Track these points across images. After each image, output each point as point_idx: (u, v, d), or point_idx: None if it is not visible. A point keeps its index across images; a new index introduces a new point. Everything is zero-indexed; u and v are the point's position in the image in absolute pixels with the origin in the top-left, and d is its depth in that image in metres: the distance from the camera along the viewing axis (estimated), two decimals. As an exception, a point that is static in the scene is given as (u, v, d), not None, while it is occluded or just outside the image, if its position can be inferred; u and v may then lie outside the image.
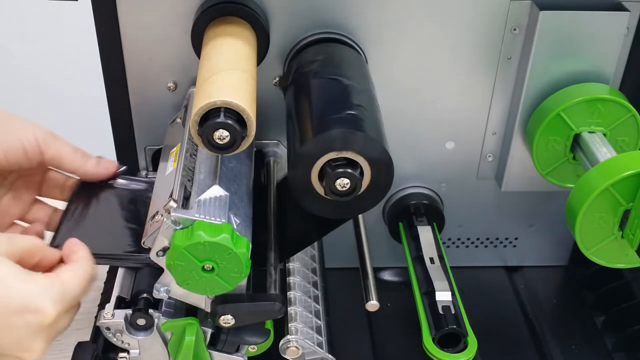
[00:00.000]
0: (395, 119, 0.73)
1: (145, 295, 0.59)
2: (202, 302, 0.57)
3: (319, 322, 0.64)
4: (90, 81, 0.97)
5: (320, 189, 0.54)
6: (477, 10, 0.68)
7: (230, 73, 0.56)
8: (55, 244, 0.58)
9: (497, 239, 0.85)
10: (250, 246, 0.53)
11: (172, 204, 0.53)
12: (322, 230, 0.63)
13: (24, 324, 0.46)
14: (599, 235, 0.61)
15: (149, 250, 0.54)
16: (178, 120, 0.68)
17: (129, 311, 0.59)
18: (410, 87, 0.72)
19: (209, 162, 0.59)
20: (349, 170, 0.52)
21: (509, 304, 0.82)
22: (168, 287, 0.56)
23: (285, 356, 0.61)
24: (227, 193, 0.56)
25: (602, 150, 0.65)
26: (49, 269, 0.52)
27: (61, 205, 0.64)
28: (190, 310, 0.60)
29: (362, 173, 0.53)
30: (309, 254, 0.71)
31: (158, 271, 0.56)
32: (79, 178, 0.64)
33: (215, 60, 0.58)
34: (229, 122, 0.51)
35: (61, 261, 0.53)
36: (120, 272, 0.62)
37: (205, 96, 0.52)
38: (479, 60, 0.71)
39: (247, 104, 0.52)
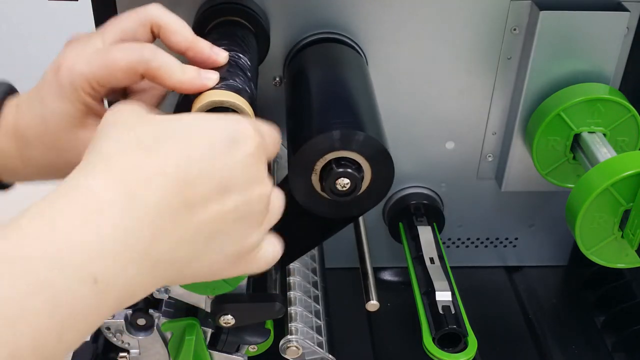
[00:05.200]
0: (395, 119, 0.73)
1: (145, 295, 0.59)
2: (202, 302, 0.57)
3: (319, 322, 0.64)
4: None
5: (320, 189, 0.54)
6: (477, 10, 0.68)
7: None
8: None
9: (497, 239, 0.85)
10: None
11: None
12: (323, 234, 0.63)
13: (241, 154, 0.39)
14: (599, 235, 0.61)
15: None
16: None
17: (129, 311, 0.59)
18: (410, 87, 0.72)
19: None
20: (349, 170, 0.52)
21: (509, 304, 0.82)
22: (168, 287, 0.56)
23: (285, 356, 0.61)
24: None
25: (602, 150, 0.65)
26: None
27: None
28: (190, 310, 0.60)
29: (362, 173, 0.53)
30: (309, 253, 0.71)
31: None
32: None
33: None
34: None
35: None
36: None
37: (206, 95, 0.52)
38: (479, 60, 0.71)
39: (244, 103, 0.52)
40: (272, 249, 0.43)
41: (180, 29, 0.48)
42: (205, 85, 0.47)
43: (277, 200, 0.43)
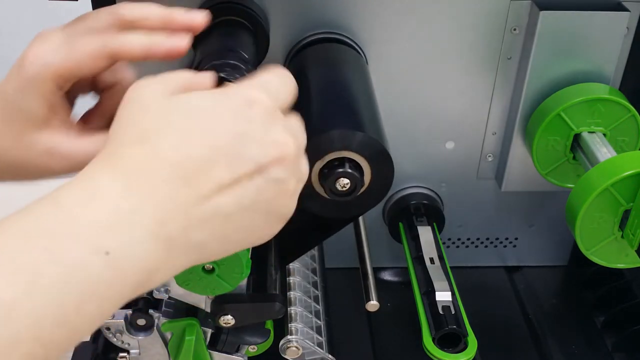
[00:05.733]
0: (395, 119, 0.73)
1: (145, 295, 0.59)
2: (202, 302, 0.57)
3: (319, 322, 0.64)
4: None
5: (320, 189, 0.54)
6: (477, 10, 0.68)
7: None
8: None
9: (497, 239, 0.85)
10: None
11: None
12: (323, 234, 0.63)
13: (257, 115, 0.38)
14: (599, 235, 0.61)
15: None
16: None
17: (129, 311, 0.58)
18: (410, 87, 0.72)
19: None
20: (349, 170, 0.52)
21: (509, 304, 0.82)
22: (168, 287, 0.56)
23: (285, 356, 0.61)
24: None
25: (602, 150, 0.65)
26: None
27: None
28: (190, 311, 0.60)
29: (362, 173, 0.53)
30: (309, 254, 0.71)
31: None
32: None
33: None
34: None
35: None
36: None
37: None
38: (479, 60, 0.71)
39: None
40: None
41: (150, 13, 0.47)
42: (177, 45, 0.46)
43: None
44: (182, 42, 0.46)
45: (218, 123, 0.37)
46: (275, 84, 0.41)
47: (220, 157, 0.36)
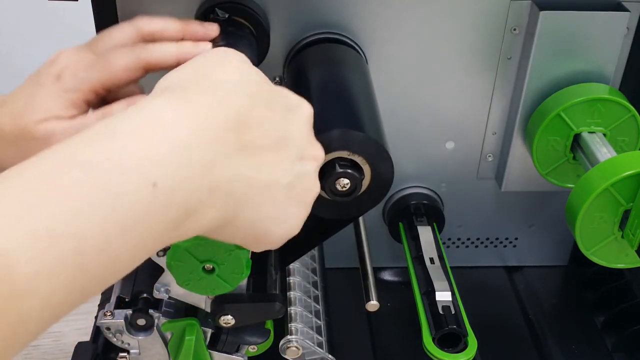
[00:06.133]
0: (395, 119, 0.73)
1: (145, 295, 0.59)
2: (202, 302, 0.57)
3: (319, 322, 0.64)
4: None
5: (320, 189, 0.54)
6: (477, 10, 0.68)
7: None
8: None
9: (497, 239, 0.85)
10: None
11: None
12: (323, 234, 0.63)
13: (303, 117, 0.44)
14: (599, 235, 0.61)
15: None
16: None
17: (129, 311, 0.58)
18: (410, 87, 0.72)
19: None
20: (349, 170, 0.52)
21: (509, 304, 0.82)
22: (168, 287, 0.56)
23: (285, 356, 0.61)
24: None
25: (602, 150, 0.65)
26: None
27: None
28: (190, 311, 0.60)
29: (362, 173, 0.53)
30: (309, 253, 0.71)
31: (158, 271, 0.56)
32: None
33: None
34: None
35: None
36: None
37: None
38: (479, 60, 0.71)
39: None
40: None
41: (168, 26, 0.54)
42: (204, 50, 0.52)
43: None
44: (207, 47, 0.53)
45: (269, 97, 0.41)
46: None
47: (272, 129, 0.40)
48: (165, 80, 0.39)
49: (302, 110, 0.43)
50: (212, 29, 0.56)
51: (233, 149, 0.37)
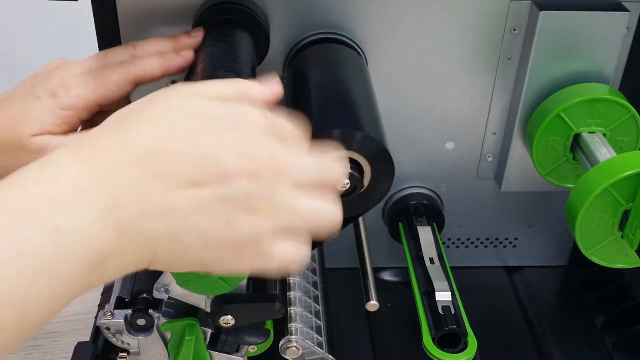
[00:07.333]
0: (395, 119, 0.73)
1: (145, 295, 0.59)
2: (202, 302, 0.57)
3: (319, 322, 0.64)
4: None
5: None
6: (477, 11, 0.68)
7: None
8: None
9: (497, 239, 0.85)
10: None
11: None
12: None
13: (244, 127, 0.38)
14: (599, 235, 0.61)
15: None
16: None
17: (129, 311, 0.58)
18: (410, 88, 0.72)
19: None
20: (349, 170, 0.52)
21: (509, 304, 0.82)
22: (168, 288, 0.56)
23: (286, 356, 0.61)
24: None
25: (602, 151, 0.65)
26: None
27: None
28: (190, 311, 0.60)
29: (362, 173, 0.53)
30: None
31: (158, 271, 0.56)
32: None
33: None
34: None
35: None
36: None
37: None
38: (479, 61, 0.71)
39: None
40: (291, 251, 0.39)
41: (160, 44, 0.58)
42: (187, 57, 0.57)
43: (311, 203, 0.39)
44: (189, 55, 0.57)
45: (200, 124, 0.37)
46: (282, 120, 0.41)
47: (191, 156, 0.36)
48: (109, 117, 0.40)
49: (246, 118, 0.39)
50: (198, 35, 0.60)
51: (141, 186, 0.35)
